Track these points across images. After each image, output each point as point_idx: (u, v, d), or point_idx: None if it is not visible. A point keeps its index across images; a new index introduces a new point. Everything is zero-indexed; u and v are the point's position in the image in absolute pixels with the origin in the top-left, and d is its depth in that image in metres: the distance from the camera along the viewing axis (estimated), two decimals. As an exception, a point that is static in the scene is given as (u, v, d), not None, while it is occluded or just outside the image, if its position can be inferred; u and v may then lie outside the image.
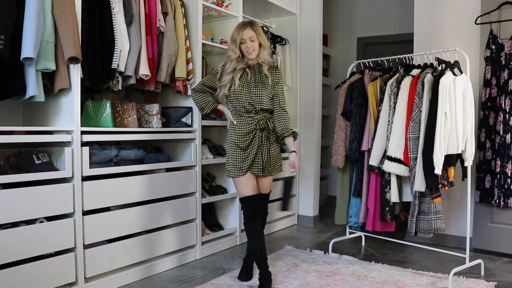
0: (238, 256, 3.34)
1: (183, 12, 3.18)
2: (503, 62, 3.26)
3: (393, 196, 3.01)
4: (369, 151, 3.15)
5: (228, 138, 2.69)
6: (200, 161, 3.26)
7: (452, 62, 2.92)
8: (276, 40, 4.24)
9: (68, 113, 2.48)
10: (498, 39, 3.31)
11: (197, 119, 3.24)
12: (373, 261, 3.22)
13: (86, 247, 2.52)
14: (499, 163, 3.23)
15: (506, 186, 3.19)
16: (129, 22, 2.72)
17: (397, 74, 3.12)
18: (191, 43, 3.23)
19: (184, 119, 3.17)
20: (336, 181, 3.53)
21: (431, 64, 3.05)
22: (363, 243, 3.69)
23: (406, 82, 3.00)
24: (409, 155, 2.90)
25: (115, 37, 2.64)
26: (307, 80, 4.45)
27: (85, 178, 2.49)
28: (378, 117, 3.09)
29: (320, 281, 2.82)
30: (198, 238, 3.26)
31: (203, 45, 3.34)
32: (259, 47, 2.65)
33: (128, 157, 2.81)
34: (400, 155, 2.94)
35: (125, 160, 2.81)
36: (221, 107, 2.80)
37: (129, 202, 2.76)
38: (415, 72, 3.07)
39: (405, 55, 3.22)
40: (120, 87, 2.79)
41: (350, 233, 3.61)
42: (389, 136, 2.99)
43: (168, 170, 3.07)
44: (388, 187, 3.03)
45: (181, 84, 3.15)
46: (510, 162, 3.18)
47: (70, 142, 2.44)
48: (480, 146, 3.40)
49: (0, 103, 2.56)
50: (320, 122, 4.55)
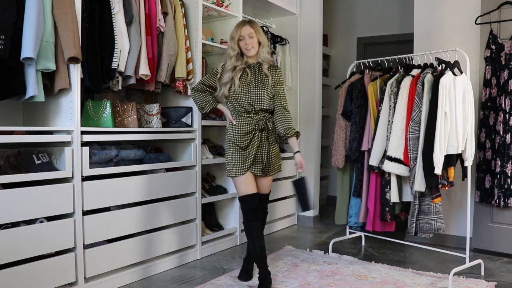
0: (238, 256, 3.34)
1: (183, 12, 3.18)
2: (503, 62, 3.26)
3: (393, 196, 3.01)
4: (369, 151, 3.15)
5: (227, 138, 2.69)
6: (200, 161, 3.26)
7: (452, 62, 2.92)
8: (276, 40, 4.24)
9: (68, 113, 2.48)
10: (498, 39, 3.31)
11: (197, 119, 3.24)
12: (373, 261, 3.22)
13: (86, 247, 2.52)
14: (499, 163, 3.23)
15: (506, 186, 3.19)
16: (129, 22, 2.72)
17: (397, 74, 3.12)
18: (191, 43, 3.23)
19: (184, 119, 3.17)
20: (336, 181, 3.53)
21: (431, 64, 3.05)
22: (363, 243, 3.69)
23: (406, 82, 3.00)
24: (409, 155, 2.90)
25: (115, 37, 2.64)
26: (307, 80, 4.45)
27: (85, 178, 2.49)
28: (378, 117, 3.09)
29: (320, 281, 2.82)
30: (198, 238, 3.26)
31: (203, 45, 3.34)
32: (258, 46, 2.65)
33: (128, 157, 2.81)
34: (400, 155, 2.94)
35: (125, 160, 2.81)
36: (220, 106, 2.80)
37: (129, 202, 2.76)
38: (415, 72, 3.07)
39: (405, 55, 3.22)
40: (120, 87, 2.79)
41: (350, 233, 3.61)
42: (389, 136, 2.99)
43: (168, 170, 3.07)
44: (388, 187, 3.03)
45: (181, 84, 3.15)
46: (510, 162, 3.18)
47: (70, 142, 2.44)
48: (480, 146, 3.40)
49: (0, 103, 2.55)
50: (320, 122, 4.55)
